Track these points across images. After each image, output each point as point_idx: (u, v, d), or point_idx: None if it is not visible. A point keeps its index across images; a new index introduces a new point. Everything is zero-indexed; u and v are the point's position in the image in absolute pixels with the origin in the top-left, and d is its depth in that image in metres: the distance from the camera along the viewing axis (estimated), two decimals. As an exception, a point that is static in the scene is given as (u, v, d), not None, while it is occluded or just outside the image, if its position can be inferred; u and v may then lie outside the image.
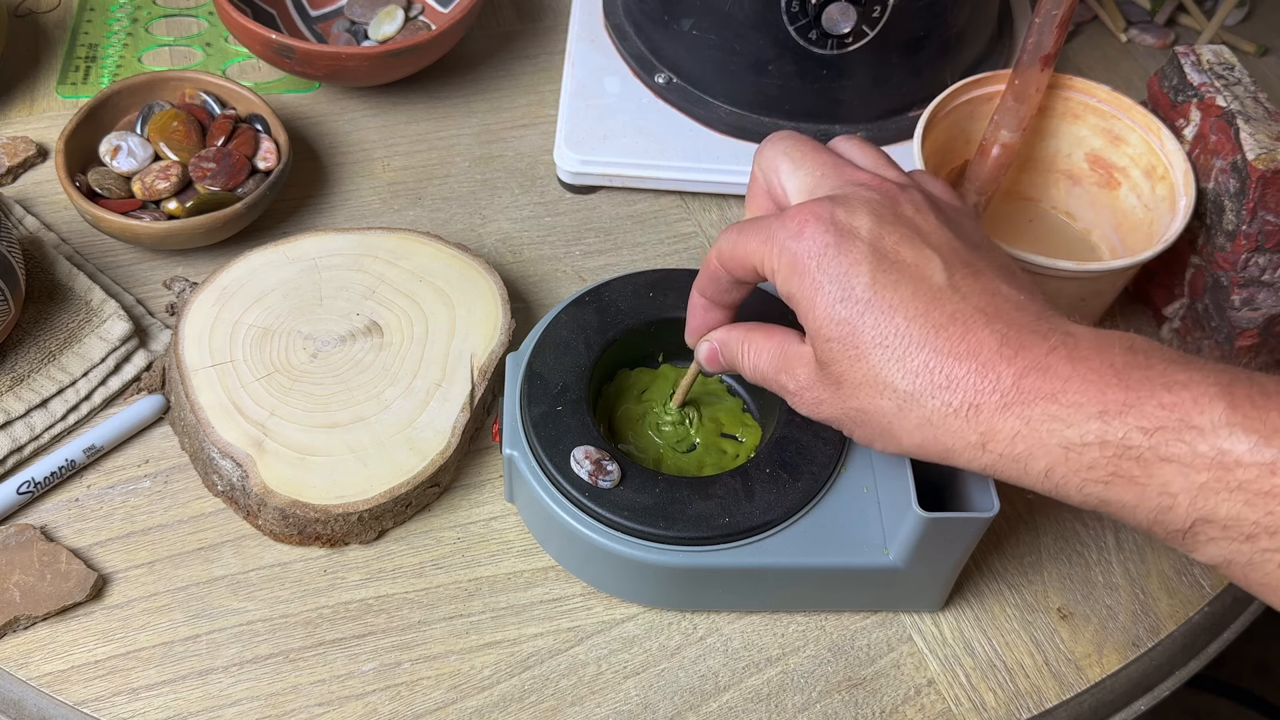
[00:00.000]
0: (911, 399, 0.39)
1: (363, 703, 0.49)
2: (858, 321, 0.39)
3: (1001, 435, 0.37)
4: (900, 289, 0.39)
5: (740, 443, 0.54)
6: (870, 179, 0.43)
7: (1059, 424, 0.36)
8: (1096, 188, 0.62)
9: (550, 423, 0.50)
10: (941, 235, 0.41)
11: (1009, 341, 0.38)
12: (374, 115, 0.72)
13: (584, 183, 0.68)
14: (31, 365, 0.56)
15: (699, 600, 0.52)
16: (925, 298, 0.39)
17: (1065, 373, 0.37)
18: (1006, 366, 0.37)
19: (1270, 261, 0.55)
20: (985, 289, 0.40)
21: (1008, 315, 0.39)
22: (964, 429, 0.38)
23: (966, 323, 0.38)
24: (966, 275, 0.40)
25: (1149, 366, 0.36)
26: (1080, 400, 0.36)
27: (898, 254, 0.40)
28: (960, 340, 0.38)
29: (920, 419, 0.39)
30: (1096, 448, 0.36)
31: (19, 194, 0.65)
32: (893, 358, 0.39)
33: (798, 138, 0.46)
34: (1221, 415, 0.34)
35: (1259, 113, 0.56)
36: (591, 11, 0.74)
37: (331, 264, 0.59)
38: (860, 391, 0.40)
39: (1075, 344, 0.37)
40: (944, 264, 0.40)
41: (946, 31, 0.66)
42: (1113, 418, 0.35)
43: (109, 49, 0.74)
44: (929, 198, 0.43)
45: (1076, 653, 0.52)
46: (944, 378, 0.38)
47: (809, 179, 0.44)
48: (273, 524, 0.52)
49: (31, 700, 0.48)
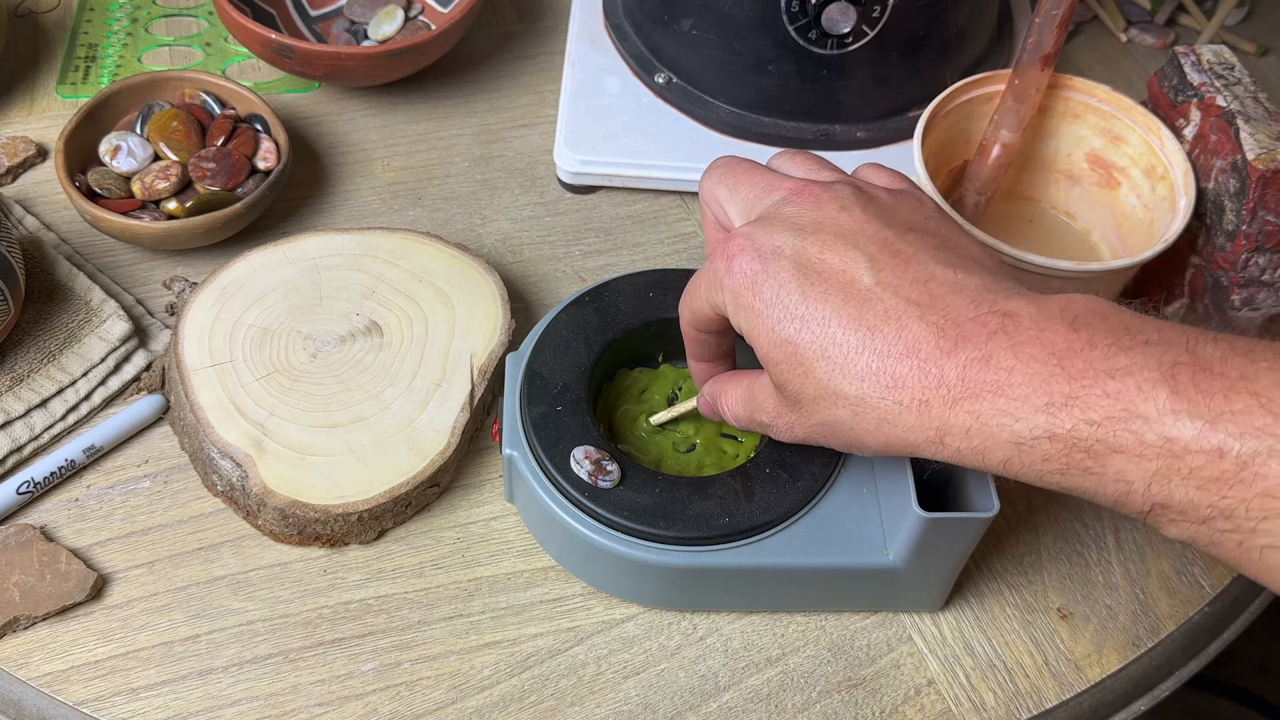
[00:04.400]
0: (863, 403, 0.39)
1: (363, 703, 0.49)
2: (797, 338, 0.40)
3: (955, 430, 0.37)
4: (830, 298, 0.39)
5: (740, 443, 0.54)
6: (794, 186, 0.43)
7: (1008, 418, 0.36)
8: (1096, 188, 0.62)
9: (550, 423, 0.50)
10: (869, 228, 0.41)
11: (946, 333, 0.38)
12: (374, 115, 0.72)
13: (584, 183, 0.68)
14: (31, 365, 0.56)
15: (699, 600, 0.52)
16: (855, 301, 0.39)
17: (1008, 363, 0.36)
18: (947, 359, 0.37)
19: (1270, 261, 0.55)
20: (916, 278, 0.39)
21: (943, 303, 0.38)
22: (919, 424, 0.38)
23: (900, 320, 0.38)
24: (895, 267, 0.40)
25: (1091, 346, 0.35)
26: (1025, 393, 0.36)
27: (823, 262, 0.40)
28: (896, 339, 0.38)
29: (876, 420, 0.39)
30: (1046, 441, 0.36)
31: (19, 194, 0.65)
32: (836, 367, 0.39)
33: (731, 162, 0.46)
34: (1166, 402, 0.34)
35: (1259, 113, 0.56)
36: (591, 11, 0.74)
37: (331, 264, 0.59)
38: (818, 406, 0.40)
39: (1016, 326, 0.37)
40: (870, 262, 0.40)
41: (946, 31, 0.66)
42: (1058, 410, 0.35)
43: (109, 49, 0.74)
44: (859, 190, 0.43)
45: (1076, 653, 0.52)
46: (889, 378, 0.38)
47: (745, 203, 0.44)
48: (273, 524, 0.52)
49: (31, 700, 0.48)
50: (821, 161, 0.46)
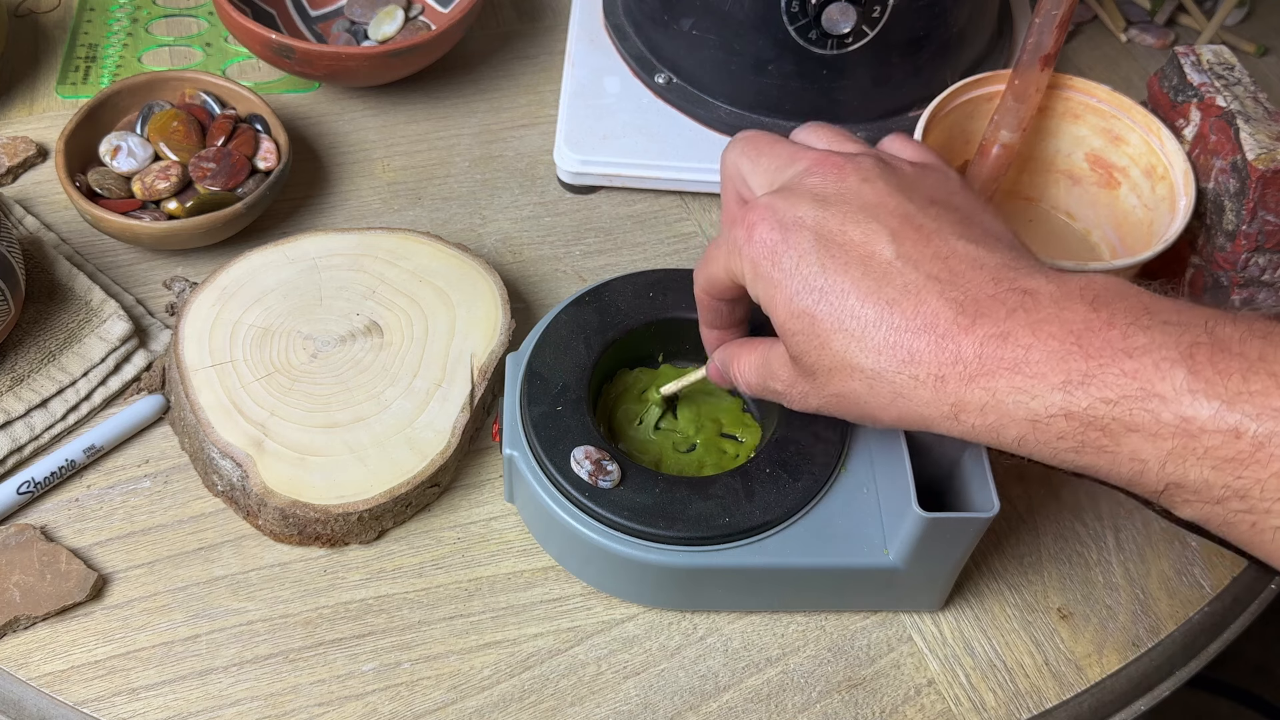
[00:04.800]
0: (879, 376, 0.39)
1: (363, 703, 0.49)
2: (815, 310, 0.39)
3: (970, 406, 0.37)
4: (850, 270, 0.39)
5: (740, 443, 0.54)
6: (817, 157, 0.43)
7: (1024, 395, 0.36)
8: (1096, 188, 0.62)
9: (550, 423, 0.50)
10: (891, 201, 0.41)
11: (965, 310, 0.37)
12: (374, 115, 0.72)
13: (584, 183, 0.68)
14: (31, 365, 0.56)
15: (699, 600, 0.52)
16: (875, 275, 0.39)
17: (1026, 340, 0.36)
18: (965, 336, 0.37)
19: (1270, 261, 0.55)
20: (937, 253, 0.39)
21: (963, 278, 0.38)
22: (934, 399, 0.38)
23: (919, 294, 0.38)
24: (917, 241, 0.40)
25: (1110, 325, 0.35)
26: (1042, 370, 0.36)
27: (844, 234, 0.40)
28: (915, 314, 0.38)
29: (891, 394, 0.39)
30: (1062, 419, 0.36)
31: (19, 194, 0.65)
32: (853, 340, 0.39)
33: (755, 135, 0.46)
34: (1183, 381, 0.34)
35: (1259, 113, 0.56)
36: (591, 11, 0.74)
37: (331, 264, 0.59)
38: (833, 377, 0.40)
39: (1035, 304, 0.37)
40: (891, 235, 0.40)
41: (946, 31, 0.66)
42: (1075, 388, 0.35)
43: (109, 49, 0.74)
44: (882, 162, 0.42)
45: (1076, 653, 0.52)
46: (905, 352, 0.38)
47: (767, 174, 0.44)
48: (273, 524, 0.52)
49: (31, 700, 0.48)
50: (845, 134, 0.46)
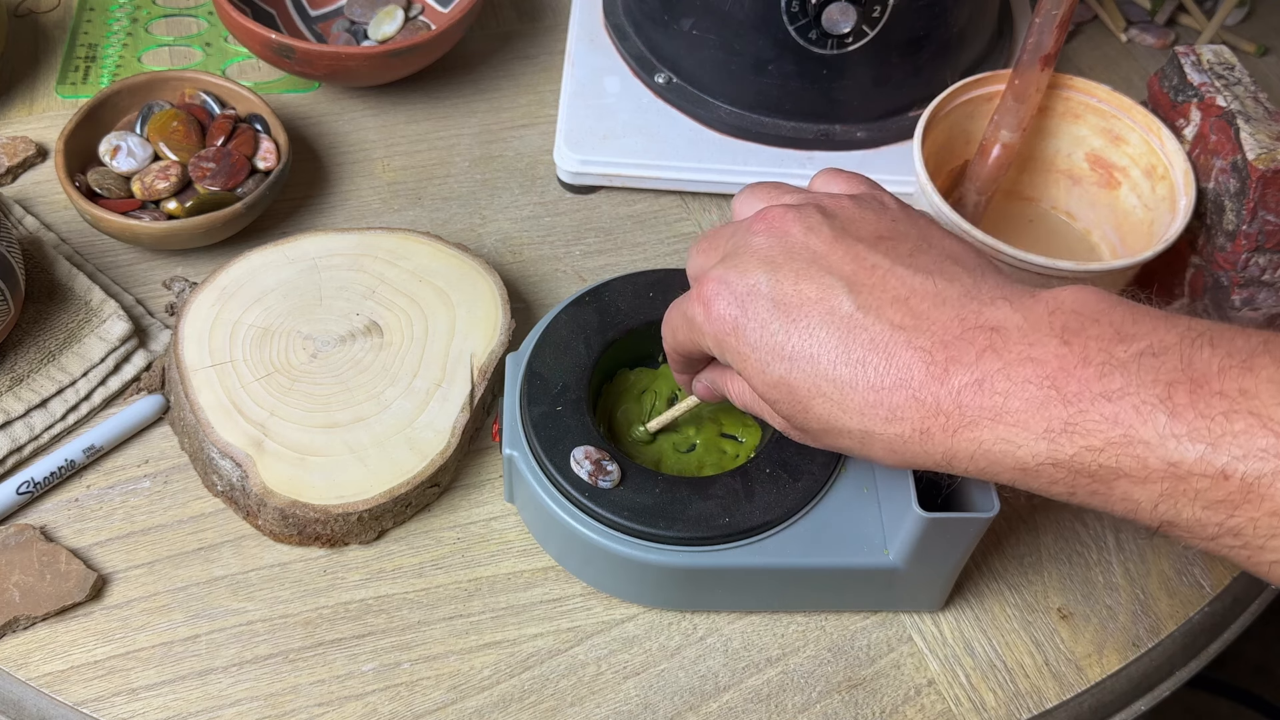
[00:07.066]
0: (867, 435, 0.38)
1: (363, 703, 0.49)
2: (790, 378, 0.39)
3: (961, 456, 0.37)
4: (814, 331, 0.39)
5: (740, 443, 0.54)
6: (758, 214, 0.42)
7: (1009, 445, 0.36)
8: (1096, 188, 0.62)
9: (550, 423, 0.50)
10: (840, 247, 0.40)
11: (935, 358, 0.37)
12: (374, 115, 0.72)
13: (584, 183, 0.68)
14: (31, 365, 0.56)
15: (699, 600, 0.51)
16: (840, 332, 0.38)
17: (1002, 387, 0.36)
18: (940, 387, 0.37)
19: (1270, 261, 0.55)
20: (895, 296, 0.39)
21: (927, 320, 0.38)
22: (926, 450, 0.38)
23: (887, 348, 0.38)
24: (874, 287, 0.39)
25: (1085, 363, 0.35)
26: (1023, 419, 0.35)
27: (799, 293, 0.39)
28: (886, 370, 0.37)
29: (884, 449, 0.39)
30: (1050, 467, 0.35)
31: (19, 194, 0.65)
32: (833, 404, 0.39)
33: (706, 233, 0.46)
34: (1165, 426, 0.33)
35: (1259, 113, 0.56)
36: (591, 11, 0.74)
37: (331, 264, 0.59)
38: (824, 436, 0.40)
39: (1004, 342, 0.36)
40: (847, 285, 0.39)
41: (946, 31, 0.66)
42: (1058, 437, 0.35)
43: (109, 49, 0.74)
44: (822, 209, 0.42)
45: (1076, 653, 0.52)
46: (886, 410, 0.38)
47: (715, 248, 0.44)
48: (272, 524, 0.52)
49: (31, 700, 0.48)
50: (781, 185, 0.45)
